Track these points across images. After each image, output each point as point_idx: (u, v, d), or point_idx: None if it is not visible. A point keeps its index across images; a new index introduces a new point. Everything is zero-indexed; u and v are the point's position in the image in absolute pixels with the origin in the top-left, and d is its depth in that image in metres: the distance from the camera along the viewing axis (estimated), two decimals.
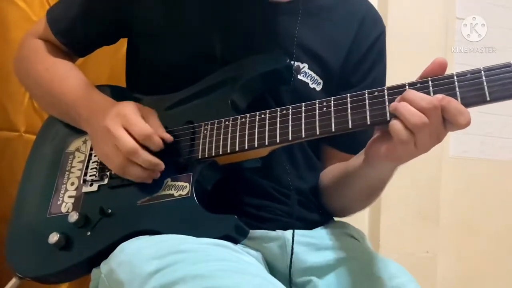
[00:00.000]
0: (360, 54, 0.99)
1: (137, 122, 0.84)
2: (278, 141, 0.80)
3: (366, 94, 0.76)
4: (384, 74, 1.03)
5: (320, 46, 0.95)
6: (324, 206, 1.00)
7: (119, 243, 0.81)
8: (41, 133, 1.05)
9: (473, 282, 2.01)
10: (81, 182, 0.92)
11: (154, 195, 0.85)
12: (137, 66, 1.02)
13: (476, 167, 2.05)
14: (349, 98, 0.77)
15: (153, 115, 0.88)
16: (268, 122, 0.81)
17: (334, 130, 0.76)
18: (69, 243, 0.87)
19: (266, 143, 0.81)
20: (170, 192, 0.84)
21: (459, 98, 0.70)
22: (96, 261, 0.84)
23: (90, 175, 0.91)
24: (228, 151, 0.83)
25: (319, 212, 0.99)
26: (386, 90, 0.75)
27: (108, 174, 0.90)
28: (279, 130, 0.80)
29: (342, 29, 0.98)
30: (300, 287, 0.88)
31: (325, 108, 0.78)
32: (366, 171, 0.86)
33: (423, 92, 0.71)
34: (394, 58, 1.15)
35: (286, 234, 0.89)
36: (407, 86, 0.74)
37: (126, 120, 0.84)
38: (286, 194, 0.93)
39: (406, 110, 0.70)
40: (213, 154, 0.84)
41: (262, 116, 0.82)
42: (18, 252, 0.92)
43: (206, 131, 0.86)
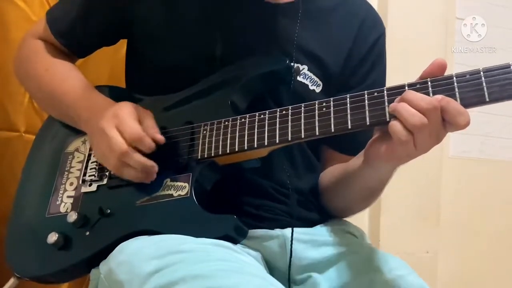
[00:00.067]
0: (360, 56, 0.99)
1: (128, 123, 0.83)
2: (277, 141, 0.80)
3: (366, 95, 0.76)
4: (384, 76, 1.03)
5: (319, 48, 0.95)
6: (324, 207, 1.00)
7: (118, 243, 0.80)
8: (40, 133, 1.05)
9: (473, 282, 2.01)
10: (80, 182, 0.92)
11: (153, 195, 0.85)
12: (137, 67, 1.02)
13: (476, 167, 2.05)
14: (348, 99, 0.77)
15: (148, 116, 0.88)
16: (267, 123, 0.81)
17: (333, 130, 0.76)
18: (68, 243, 0.87)
19: (266, 144, 0.81)
20: (169, 192, 0.84)
21: (459, 99, 0.70)
22: (95, 261, 0.84)
23: (89, 175, 0.91)
24: (227, 152, 0.83)
25: (319, 212, 0.99)
26: (385, 91, 0.75)
27: (107, 174, 0.90)
28: (279, 131, 0.80)
29: (342, 30, 0.98)
30: (300, 284, 0.88)
31: (324, 108, 0.78)
32: (366, 172, 0.86)
33: (423, 92, 0.71)
34: (394, 59, 1.15)
35: (285, 232, 0.89)
36: (407, 87, 0.74)
37: (119, 121, 0.84)
38: (286, 194, 0.93)
39: (406, 110, 0.70)
40: (212, 154, 0.84)
41: (262, 116, 0.82)
42: (17, 252, 0.92)
43: (205, 132, 0.86)
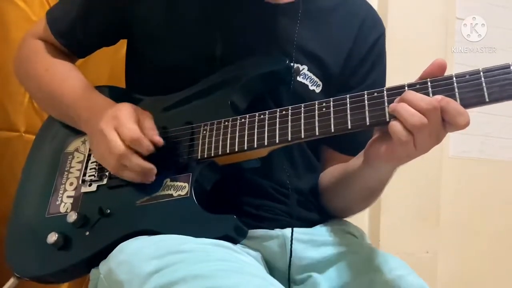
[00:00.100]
0: (360, 56, 0.98)
1: (127, 125, 0.83)
2: (277, 141, 0.80)
3: (366, 95, 0.76)
4: (383, 76, 1.03)
5: (319, 48, 0.95)
6: (324, 207, 1.00)
7: (118, 243, 0.80)
8: (40, 133, 1.05)
9: (473, 282, 2.01)
10: (80, 182, 0.92)
11: (153, 195, 0.85)
12: (137, 67, 1.02)
13: (476, 167, 2.05)
14: (348, 99, 0.77)
15: (148, 118, 0.87)
16: (267, 123, 0.81)
17: (333, 130, 0.76)
18: (67, 243, 0.87)
19: (265, 144, 0.81)
20: (169, 192, 0.84)
21: (458, 99, 0.70)
22: (95, 261, 0.83)
23: (89, 175, 0.91)
24: (227, 152, 0.83)
25: (318, 212, 0.99)
26: (385, 91, 0.75)
27: (107, 174, 0.90)
28: (279, 131, 0.80)
29: (342, 31, 0.98)
30: (299, 284, 0.88)
31: (324, 109, 0.78)
32: (366, 172, 0.86)
33: (422, 93, 0.71)
34: (394, 59, 1.15)
35: (285, 233, 0.89)
36: (406, 87, 0.74)
37: (118, 122, 0.84)
38: (286, 194, 0.93)
39: (405, 111, 0.70)
40: (212, 154, 0.84)
41: (262, 116, 0.82)
42: (17, 252, 0.92)
43: (205, 132, 0.86)
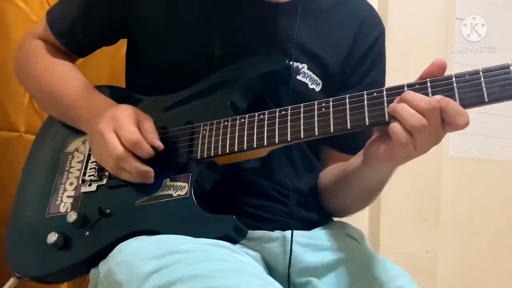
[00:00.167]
0: (359, 55, 0.98)
1: (127, 127, 0.83)
2: (277, 141, 0.80)
3: (365, 95, 0.76)
4: (383, 76, 1.03)
5: (319, 47, 0.95)
6: (323, 206, 1.00)
7: (118, 243, 0.80)
8: (40, 133, 1.05)
9: (473, 282, 2.01)
10: (80, 182, 0.92)
11: (153, 195, 0.85)
12: (137, 67, 1.02)
13: (475, 167, 2.05)
14: (347, 99, 0.77)
15: (148, 120, 0.87)
16: (267, 123, 0.81)
17: (332, 130, 0.76)
18: (67, 243, 0.87)
19: (265, 144, 0.81)
20: (169, 192, 0.84)
21: (458, 99, 0.70)
22: (94, 261, 0.84)
23: (89, 175, 0.91)
24: (227, 152, 0.83)
25: (318, 212, 0.99)
26: (384, 91, 0.75)
27: (106, 174, 0.90)
28: (278, 131, 0.80)
29: (342, 30, 0.98)
30: None
31: (324, 109, 0.78)
32: (365, 172, 0.86)
33: (422, 93, 0.71)
34: (394, 59, 1.15)
35: (286, 234, 0.89)
36: (406, 87, 0.74)
37: (118, 124, 0.84)
38: (285, 194, 0.93)
39: (405, 111, 0.70)
40: (212, 154, 0.84)
41: (261, 116, 0.82)
42: (17, 252, 0.92)
43: (205, 132, 0.86)
